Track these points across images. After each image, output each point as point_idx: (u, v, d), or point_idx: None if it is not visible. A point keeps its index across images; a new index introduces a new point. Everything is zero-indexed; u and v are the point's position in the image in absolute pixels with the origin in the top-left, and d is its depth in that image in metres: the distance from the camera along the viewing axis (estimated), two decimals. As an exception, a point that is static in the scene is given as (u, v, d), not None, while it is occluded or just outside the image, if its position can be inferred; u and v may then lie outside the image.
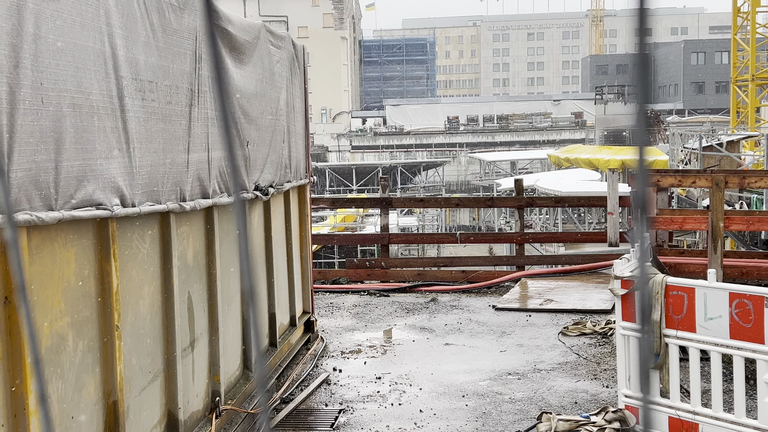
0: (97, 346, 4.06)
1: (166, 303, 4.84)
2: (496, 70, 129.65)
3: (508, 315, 10.04)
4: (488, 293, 11.66)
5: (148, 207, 4.43)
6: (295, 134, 8.13)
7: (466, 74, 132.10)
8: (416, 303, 10.99)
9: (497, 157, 59.56)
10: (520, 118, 75.97)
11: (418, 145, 72.79)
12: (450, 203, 14.19)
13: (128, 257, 4.37)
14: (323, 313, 10.45)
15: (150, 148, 4.49)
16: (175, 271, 4.88)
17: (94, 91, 3.87)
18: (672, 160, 29.24)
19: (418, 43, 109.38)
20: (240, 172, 6.13)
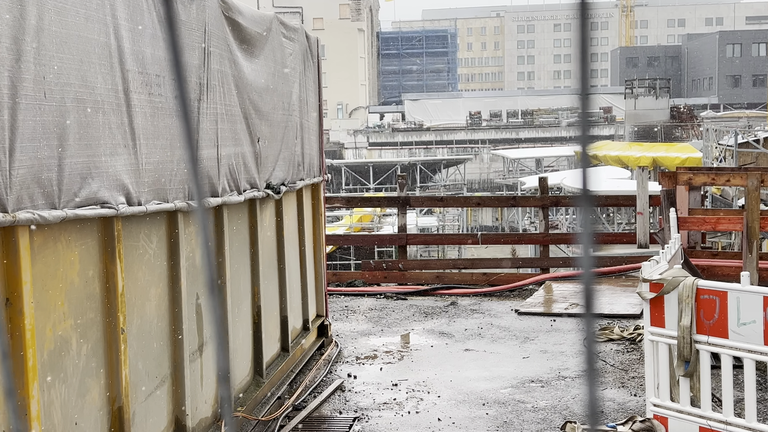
0: (102, 349, 4.09)
1: (173, 305, 4.88)
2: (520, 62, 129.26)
3: (531, 320, 10.01)
4: (511, 297, 11.63)
5: (154, 206, 4.46)
6: (309, 130, 8.15)
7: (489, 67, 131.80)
8: (435, 307, 10.98)
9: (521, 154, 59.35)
10: (545, 113, 75.66)
11: (438, 142, 72.72)
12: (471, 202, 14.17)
13: (134, 258, 4.41)
14: (338, 316, 10.46)
15: (157, 144, 4.52)
16: (182, 273, 4.91)
17: (98, 86, 3.90)
18: (706, 158, 29.02)
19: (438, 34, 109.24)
20: (250, 169, 6.16)
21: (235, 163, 5.82)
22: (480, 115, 75.22)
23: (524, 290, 11.90)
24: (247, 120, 6.10)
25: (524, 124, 74.28)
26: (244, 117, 6.05)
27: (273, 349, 7.07)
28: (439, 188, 58.06)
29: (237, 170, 5.86)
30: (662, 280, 5.82)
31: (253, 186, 6.27)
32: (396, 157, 68.16)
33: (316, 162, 8.56)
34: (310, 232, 8.52)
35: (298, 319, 7.96)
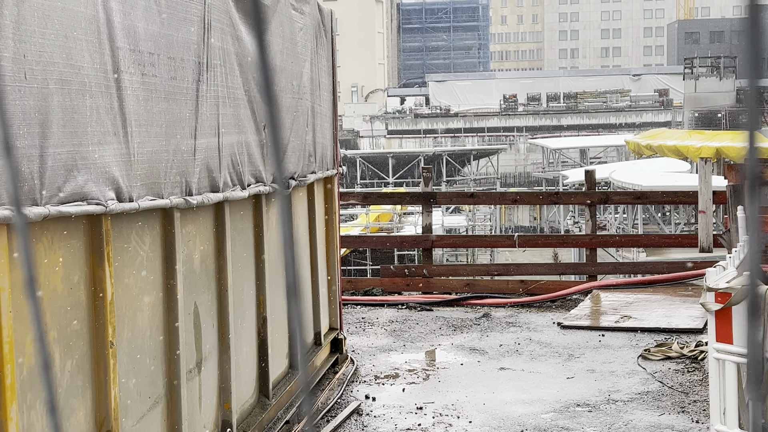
0: (89, 365, 4.13)
1: (168, 316, 4.91)
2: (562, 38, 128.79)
3: (576, 334, 9.98)
4: (552, 308, 11.60)
5: (148, 202, 4.50)
6: (321, 116, 8.17)
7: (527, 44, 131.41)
8: (465, 319, 10.98)
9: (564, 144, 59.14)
10: (591, 96, 75.34)
11: (467, 130, 72.62)
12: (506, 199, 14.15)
13: (125, 261, 4.44)
14: (354, 329, 10.49)
15: (151, 132, 4.55)
16: (179, 278, 4.95)
17: (85, 65, 3.94)
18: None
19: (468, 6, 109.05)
20: (255, 161, 6.19)
21: (238, 153, 5.85)
22: (515, 99, 75.04)
23: (568, 300, 11.87)
24: (251, 104, 6.13)
25: (567, 109, 73.99)
26: (249, 101, 6.08)
27: (280, 366, 7.10)
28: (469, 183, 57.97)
29: (240, 162, 5.89)
30: (730, 289, 5.79)
31: (258, 180, 6.30)
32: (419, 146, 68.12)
33: (330, 152, 8.58)
34: (322, 232, 8.55)
35: (308, 332, 7.99)
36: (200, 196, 5.16)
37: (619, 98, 74.89)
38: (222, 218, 5.70)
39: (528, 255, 32.63)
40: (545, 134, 69.29)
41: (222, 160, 5.55)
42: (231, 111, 5.73)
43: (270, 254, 6.69)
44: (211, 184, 5.39)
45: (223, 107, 5.56)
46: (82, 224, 4.09)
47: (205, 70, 5.26)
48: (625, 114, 72.45)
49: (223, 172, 5.57)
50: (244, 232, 6.27)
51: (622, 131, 66.55)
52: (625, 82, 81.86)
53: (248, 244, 6.37)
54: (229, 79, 5.69)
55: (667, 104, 72.70)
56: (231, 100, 5.72)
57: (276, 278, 6.95)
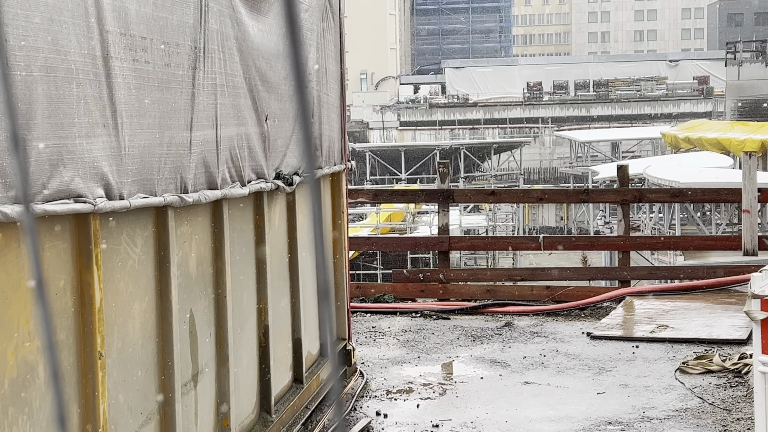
0: (75, 378, 4.15)
1: (162, 324, 4.93)
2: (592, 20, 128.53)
3: (607, 345, 9.97)
4: (581, 316, 11.59)
5: (140, 200, 4.52)
6: (328, 106, 8.19)
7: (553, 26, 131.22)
8: (485, 328, 10.98)
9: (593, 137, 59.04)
10: (624, 84, 75.15)
11: (487, 121, 72.57)
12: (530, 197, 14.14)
13: (115, 264, 4.47)
14: (363, 340, 10.50)
15: (143, 123, 4.57)
16: (173, 283, 4.97)
17: (72, 51, 3.96)
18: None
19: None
20: (256, 155, 6.21)
21: (237, 146, 5.87)
22: (540, 87, 74.93)
23: (598, 308, 11.85)
24: (252, 93, 6.15)
25: (597, 98, 73.84)
26: (249, 89, 6.10)
27: (283, 379, 7.12)
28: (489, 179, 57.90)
29: (240, 156, 5.91)
30: (777, 296, 5.77)
31: (259, 176, 6.32)
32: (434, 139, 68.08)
33: (337, 146, 8.59)
34: (329, 233, 8.56)
35: (314, 342, 8.01)
36: (196, 194, 5.18)
37: (655, 86, 74.67)
38: (220, 218, 5.71)
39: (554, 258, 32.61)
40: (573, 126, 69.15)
41: (220, 154, 5.57)
42: (230, 101, 5.75)
43: (272, 257, 6.71)
44: (208, 180, 5.41)
45: (221, 96, 5.58)
46: (69, 224, 4.12)
47: (202, 56, 5.28)
48: (661, 104, 72.25)
49: (222, 167, 5.59)
50: (244, 232, 6.29)
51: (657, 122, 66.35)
52: (661, 69, 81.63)
53: (248, 246, 6.38)
54: (228, 66, 5.71)
55: (708, 93, 72.44)
56: (230, 89, 5.74)
57: (279, 283, 6.97)
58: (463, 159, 55.88)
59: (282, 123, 6.79)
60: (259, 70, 6.29)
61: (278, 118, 6.69)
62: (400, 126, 73.52)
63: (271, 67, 6.48)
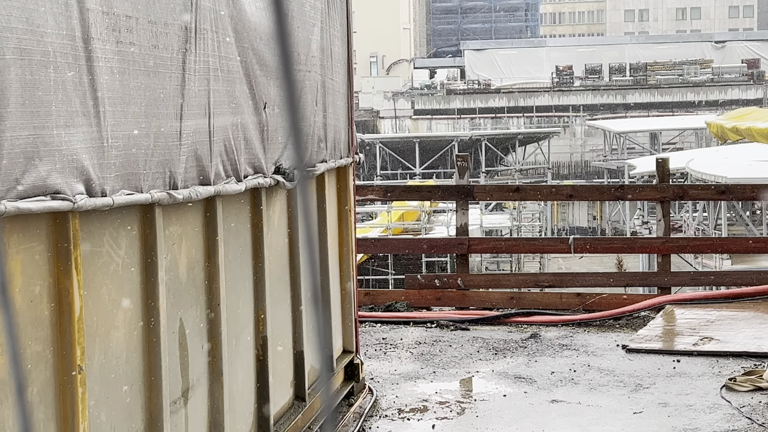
0: (52, 394, 4.16)
1: (148, 335, 4.95)
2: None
3: (645, 359, 9.95)
4: (616, 327, 11.57)
5: (124, 197, 4.53)
6: (334, 93, 8.20)
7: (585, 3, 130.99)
8: (508, 340, 10.98)
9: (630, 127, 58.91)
10: (664, 68, 74.99)
11: (511, 109, 72.52)
12: (560, 194, 14.13)
13: (96, 268, 4.48)
14: (373, 353, 10.51)
15: (127, 112, 4.58)
16: (161, 289, 4.98)
17: (49, 31, 3.97)
18: None
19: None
20: (253, 147, 6.22)
21: (233, 137, 5.88)
22: (571, 72, 74.84)
23: (635, 318, 11.83)
24: (249, 78, 6.16)
25: (634, 83, 73.71)
26: (246, 74, 6.11)
27: (284, 397, 7.14)
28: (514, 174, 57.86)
29: (236, 148, 5.92)
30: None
31: (257, 170, 6.33)
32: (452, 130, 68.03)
33: (344, 136, 8.59)
34: (335, 234, 8.57)
35: (318, 355, 8.01)
36: (187, 190, 5.19)
37: (699, 70, 74.47)
38: (213, 217, 5.72)
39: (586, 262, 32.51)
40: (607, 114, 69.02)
41: (213, 146, 5.58)
42: (224, 87, 5.76)
43: (271, 261, 6.72)
44: (200, 175, 5.42)
45: (215, 82, 5.59)
46: (45, 224, 4.13)
47: (193, 37, 5.29)
48: (706, 90, 72.07)
49: (215, 160, 5.60)
50: (239, 233, 6.30)
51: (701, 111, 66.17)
52: (706, 51, 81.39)
53: (245, 248, 6.39)
54: (223, 48, 5.72)
55: (758, 78, 72.21)
56: (224, 74, 5.75)
57: (278, 290, 6.98)
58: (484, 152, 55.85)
59: (282, 112, 6.79)
60: (257, 53, 6.30)
61: (278, 106, 6.69)
62: (414, 115, 73.51)
63: (270, 50, 6.48)
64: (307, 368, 7.54)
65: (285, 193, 7.16)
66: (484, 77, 78.08)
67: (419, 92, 76.00)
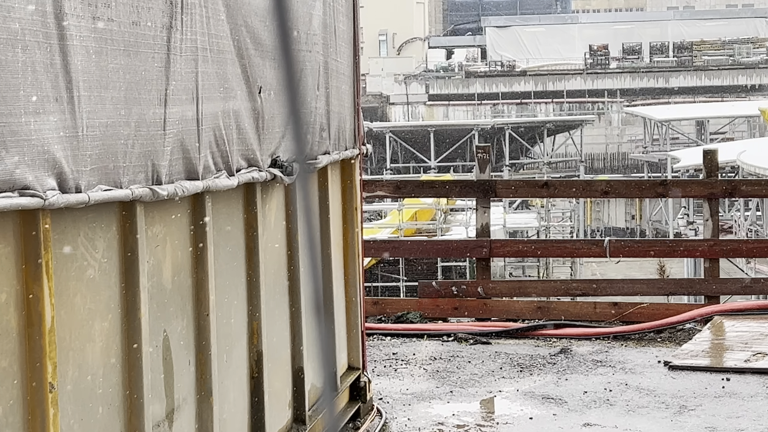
0: (20, 416, 4.17)
1: (129, 349, 4.95)
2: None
3: (690, 378, 9.94)
4: (657, 341, 11.56)
5: (101, 193, 4.53)
6: (338, 75, 8.20)
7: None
8: (535, 356, 10.97)
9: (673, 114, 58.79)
10: (712, 47, 74.82)
11: (539, 94, 72.43)
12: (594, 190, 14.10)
13: (70, 274, 4.48)
14: (382, 369, 10.51)
15: (105, 97, 4.58)
16: (143, 297, 4.98)
17: (17, 6, 3.97)
18: None
19: None
20: (246, 137, 6.22)
21: (224, 126, 5.88)
22: (607, 51, 74.70)
23: (679, 331, 11.82)
24: (242, 59, 6.16)
25: (678, 65, 73.55)
26: (239, 54, 6.11)
27: (281, 419, 7.14)
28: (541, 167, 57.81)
29: (227, 138, 5.92)
30: None
31: (251, 163, 6.33)
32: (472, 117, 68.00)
33: (349, 125, 8.59)
34: (339, 235, 8.56)
35: (319, 372, 8.01)
36: (172, 186, 5.19)
37: (751, 50, 74.28)
38: (202, 215, 5.72)
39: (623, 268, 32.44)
40: (648, 100, 68.89)
41: (202, 135, 5.58)
42: (214, 68, 5.76)
43: (267, 265, 6.72)
44: (186, 168, 5.42)
45: (203, 63, 5.59)
46: (13, 223, 4.13)
47: (179, 12, 5.29)
48: (760, 72, 71.91)
49: (204, 152, 5.60)
50: (231, 234, 6.30)
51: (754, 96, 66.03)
52: (760, 28, 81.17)
53: (237, 251, 6.39)
54: (212, 25, 5.72)
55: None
56: (214, 54, 5.75)
57: (275, 298, 6.98)
58: (508, 142, 55.80)
59: (279, 97, 6.79)
60: (251, 31, 6.30)
61: (275, 91, 6.69)
62: (429, 100, 73.48)
63: (266, 27, 6.49)
64: (307, 387, 7.54)
65: (283, 189, 7.16)
66: (507, 58, 77.97)
67: (434, 75, 75.96)
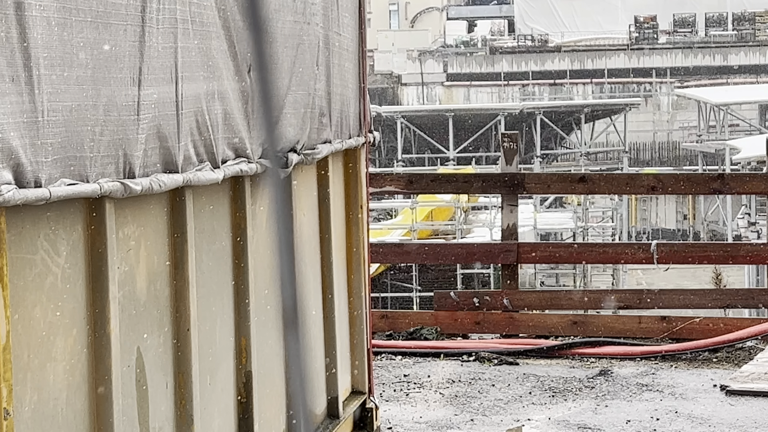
0: (-29, 447, 4.18)
1: (96, 369, 4.95)
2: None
3: (751, 404, 9.93)
4: (712, 362, 11.54)
5: (64, 188, 4.53)
6: (340, 52, 8.20)
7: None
8: (570, 378, 10.96)
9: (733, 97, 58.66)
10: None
11: (576, 73, 72.29)
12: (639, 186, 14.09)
13: (28, 282, 4.49)
14: (391, 394, 10.51)
15: (70, 77, 4.58)
16: (113, 309, 4.98)
17: (-33, -29, 3.99)
18: None
19: None
20: (234, 123, 6.23)
21: (207, 110, 5.87)
22: (655, 24, 74.54)
23: (738, 350, 11.80)
24: (229, 33, 6.16)
25: (738, 39, 73.37)
26: (225, 27, 6.11)
27: (274, 451, 7.14)
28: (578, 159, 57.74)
29: (211, 124, 5.91)
30: None
31: (239, 154, 6.34)
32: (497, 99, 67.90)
33: (354, 109, 8.59)
34: (341, 237, 8.56)
35: (318, 397, 8.02)
36: (147, 179, 5.20)
37: (824, 22, 74.12)
38: (182, 214, 5.73)
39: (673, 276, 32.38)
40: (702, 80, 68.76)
41: (182, 121, 5.58)
42: (197, 43, 5.76)
43: (257, 272, 6.72)
44: (164, 159, 5.43)
45: (184, 38, 5.59)
46: (-38, 223, 4.15)
47: (155, -22, 5.30)
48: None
49: (184, 140, 5.60)
50: (216, 236, 6.30)
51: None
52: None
53: (222, 256, 6.39)
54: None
55: None
56: (197, 27, 5.75)
57: (267, 310, 6.98)
58: (539, 129, 55.73)
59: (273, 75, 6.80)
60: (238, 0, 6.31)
61: (267, 69, 6.69)
62: (448, 80, 73.40)
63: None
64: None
65: (276, 184, 7.16)
66: (539, 31, 77.85)
67: (454, 51, 75.86)
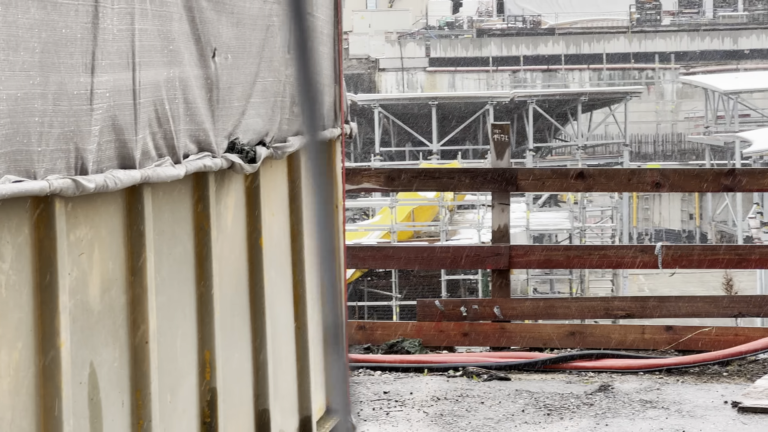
0: None
1: (45, 386, 4.94)
2: None
3: (765, 423, 9.96)
4: (723, 376, 11.58)
5: (9, 185, 4.53)
6: (314, 34, 8.19)
7: None
8: (567, 395, 10.98)
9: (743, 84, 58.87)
10: (793, -1, 74.95)
11: (571, 58, 72.51)
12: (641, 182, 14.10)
13: (-31, 290, 4.48)
14: (370, 413, 10.51)
15: (15, 62, 4.58)
16: (63, 321, 4.97)
17: None
18: None
19: None
20: (197, 113, 6.22)
21: (168, 99, 5.87)
22: (658, 4, 74.83)
23: (750, 363, 11.84)
24: (192, 13, 6.15)
25: (750, 21, 73.67)
26: (187, 7, 6.11)
27: (240, 476, 7.14)
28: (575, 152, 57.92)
29: (172, 115, 5.91)
30: None
31: (202, 147, 6.33)
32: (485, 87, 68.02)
33: (329, 98, 8.60)
34: (314, 239, 8.56)
35: (290, 415, 8.03)
36: (101, 176, 5.19)
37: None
38: (139, 214, 5.72)
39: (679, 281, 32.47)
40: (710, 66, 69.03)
41: (140, 111, 5.58)
42: (156, 25, 5.76)
43: (223, 279, 6.71)
44: (120, 154, 5.42)
45: (141, 19, 5.58)
46: None
47: (110, -47, 5.29)
48: None
49: (142, 132, 5.60)
50: (177, 238, 6.29)
51: None
52: None
53: (185, 261, 6.39)
54: (153, -30, 5.72)
55: None
56: (156, 7, 5.75)
57: (234, 321, 6.97)
58: (531, 120, 55.86)
59: (239, 61, 6.79)
60: (203, -24, 6.30)
61: (234, 53, 6.69)
62: (430, 65, 73.54)
63: (221, -28, 6.50)
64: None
65: (243, 180, 7.15)
66: (531, 11, 78.07)
67: (437, 33, 76.00)
